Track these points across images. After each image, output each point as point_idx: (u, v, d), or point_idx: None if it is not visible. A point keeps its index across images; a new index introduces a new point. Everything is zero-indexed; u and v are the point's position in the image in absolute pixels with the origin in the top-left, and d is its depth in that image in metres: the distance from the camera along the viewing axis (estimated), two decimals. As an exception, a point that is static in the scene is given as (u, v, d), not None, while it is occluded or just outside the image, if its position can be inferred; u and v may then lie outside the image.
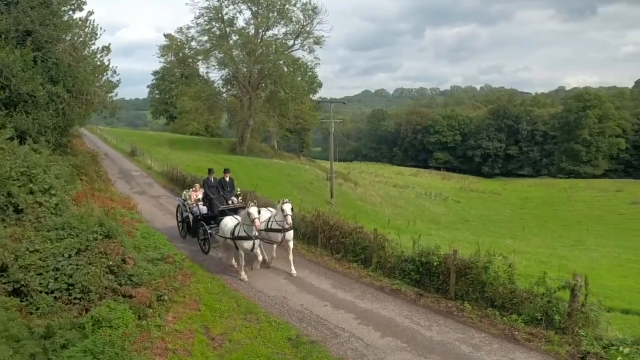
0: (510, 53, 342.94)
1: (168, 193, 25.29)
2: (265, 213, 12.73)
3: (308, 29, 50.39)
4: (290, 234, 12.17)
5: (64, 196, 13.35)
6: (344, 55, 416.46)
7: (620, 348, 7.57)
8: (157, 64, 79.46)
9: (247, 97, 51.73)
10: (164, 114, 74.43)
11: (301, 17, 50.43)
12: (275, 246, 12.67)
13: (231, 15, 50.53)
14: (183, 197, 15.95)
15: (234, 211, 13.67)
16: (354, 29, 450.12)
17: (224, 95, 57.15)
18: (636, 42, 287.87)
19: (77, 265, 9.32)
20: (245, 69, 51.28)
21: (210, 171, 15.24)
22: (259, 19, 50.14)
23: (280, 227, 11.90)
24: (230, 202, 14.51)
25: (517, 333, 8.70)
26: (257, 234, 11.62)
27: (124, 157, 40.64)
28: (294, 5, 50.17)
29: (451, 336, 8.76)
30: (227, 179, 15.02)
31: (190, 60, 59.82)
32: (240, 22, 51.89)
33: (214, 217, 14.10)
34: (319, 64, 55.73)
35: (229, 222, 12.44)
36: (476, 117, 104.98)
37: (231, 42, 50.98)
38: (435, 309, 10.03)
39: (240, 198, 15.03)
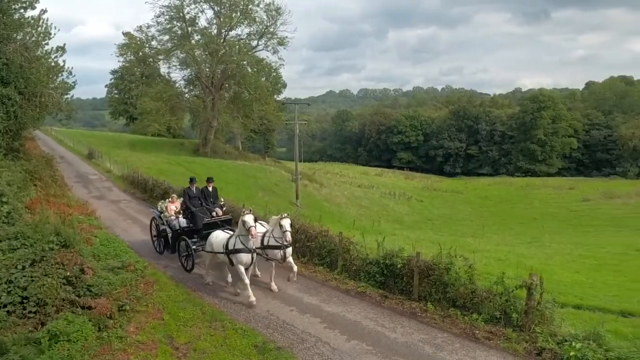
0: (470, 55, 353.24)
1: (128, 197, 24.62)
2: (259, 227, 11.58)
3: (272, 29, 50.24)
4: (289, 251, 11.04)
5: (17, 204, 12.78)
6: (308, 55, 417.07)
7: (573, 343, 7.94)
8: (115, 63, 76.95)
9: (211, 97, 50.99)
10: (123, 114, 72.25)
11: (265, 17, 50.23)
12: (274, 264, 11.46)
13: (193, 14, 49.74)
14: (159, 209, 14.52)
15: (220, 224, 12.57)
16: (317, 29, 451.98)
17: (187, 95, 56.08)
18: (587, 46, 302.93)
19: (31, 277, 8.93)
20: (208, 70, 50.55)
21: (192, 180, 13.78)
22: (221, 19, 49.52)
23: (279, 244, 10.77)
24: (214, 213, 13.22)
25: (477, 332, 8.99)
26: (254, 245, 10.58)
27: (81, 159, 39.20)
28: (257, 5, 49.92)
29: (415, 337, 8.95)
30: (210, 188, 13.76)
31: (151, 59, 58.50)
32: (202, 22, 51.18)
33: (197, 231, 12.98)
34: (283, 64, 55.72)
35: (219, 234, 11.40)
36: (438, 117, 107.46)
37: (193, 41, 50.10)
38: (400, 310, 10.21)
39: (224, 209, 13.92)
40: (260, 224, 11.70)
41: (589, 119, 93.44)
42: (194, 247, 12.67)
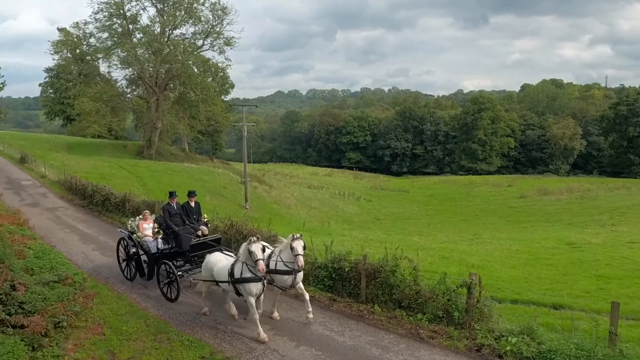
0: (415, 57, 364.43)
1: (66, 204, 23.36)
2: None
3: (218, 29, 49.34)
4: (300, 276, 9.75)
5: (-63, 216, 11.79)
6: (256, 55, 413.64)
7: (509, 338, 8.41)
8: (50, 61, 72.54)
9: (155, 98, 49.33)
10: (59, 115, 68.35)
11: (210, 17, 49.27)
12: (279, 292, 10.02)
13: (134, 11, 47.88)
14: (129, 228, 12.57)
15: (207, 245, 11.34)
16: (266, 29, 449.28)
17: (129, 96, 53.93)
18: (522, 51, 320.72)
19: (-46, 297, 8.30)
20: (151, 69, 48.86)
21: (172, 195, 11.94)
22: (165, 17, 48.03)
23: (290, 269, 9.39)
24: (199, 232, 11.75)
25: (422, 331, 9.30)
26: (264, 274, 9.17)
27: (13, 164, 36.72)
28: (202, 4, 48.85)
29: (363, 340, 9.12)
30: (193, 203, 12.16)
31: (89, 57, 55.69)
32: (144, 20, 49.38)
33: (181, 254, 11.48)
34: (230, 65, 54.72)
35: (220, 259, 9.89)
36: (385, 118, 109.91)
37: (135, 40, 48.28)
38: (348, 313, 10.37)
39: (209, 225, 12.63)
40: (267, 246, 10.22)
41: (525, 119, 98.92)
42: (179, 272, 10.99)
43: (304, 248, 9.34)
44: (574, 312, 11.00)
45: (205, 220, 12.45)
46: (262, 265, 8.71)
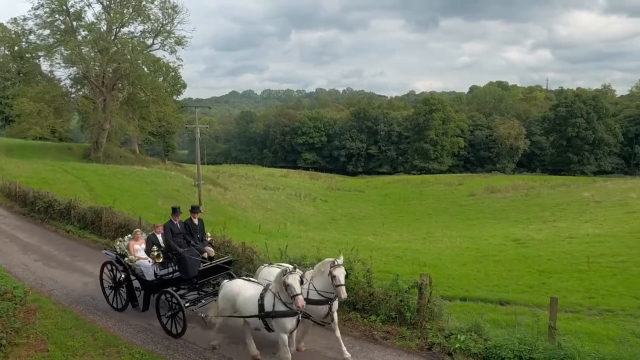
0: (369, 58, 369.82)
1: (4, 212, 22.04)
2: (273, 271, 8.69)
3: (168, 28, 48.11)
4: (336, 305, 8.42)
5: None
6: (209, 54, 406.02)
7: (458, 336, 8.72)
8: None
9: (102, 98, 47.41)
10: (-4, 115, 64.27)
11: (160, 15, 47.94)
12: (310, 324, 8.58)
13: (78, 8, 45.86)
14: (117, 249, 10.84)
15: (217, 269, 9.98)
16: (219, 28, 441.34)
17: (74, 96, 51.54)
18: (470, 53, 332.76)
19: None
20: (97, 68, 46.90)
21: (175, 212, 10.29)
22: (111, 15, 46.25)
23: (325, 299, 8.10)
24: (206, 254, 10.23)
25: (375, 333, 9.47)
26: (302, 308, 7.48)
27: (-56, 169, 34.17)
28: (152, 2, 47.45)
29: (319, 344, 9.16)
30: (196, 221, 10.64)
31: (29, 55, 52.76)
32: (89, 17, 47.37)
33: (186, 281, 9.90)
34: (182, 64, 53.45)
35: (246, 288, 8.25)
36: (340, 118, 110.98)
37: (79, 37, 46.22)
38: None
39: (213, 242, 11.20)
40: (279, 265, 9.02)
41: (473, 120, 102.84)
42: (186, 303, 9.36)
43: (346, 276, 8.03)
44: (518, 307, 11.60)
45: (210, 239, 11.00)
46: (301, 301, 7.34)
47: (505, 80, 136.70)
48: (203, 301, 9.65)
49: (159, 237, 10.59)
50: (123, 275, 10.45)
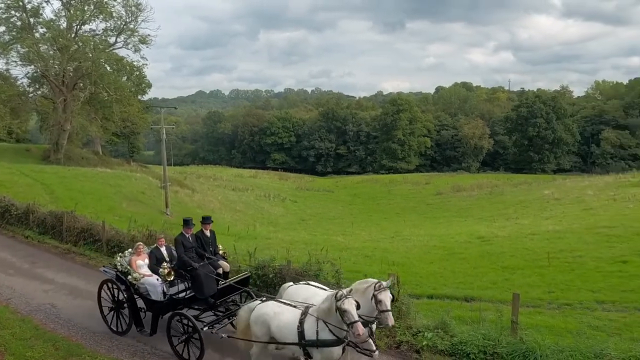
0: (337, 59, 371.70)
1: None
2: (318, 292, 7.85)
3: (132, 26, 46.81)
4: (373, 328, 7.64)
5: None
6: (176, 53, 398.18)
7: (425, 333, 8.91)
8: None
9: (62, 98, 45.70)
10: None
11: (123, 13, 46.60)
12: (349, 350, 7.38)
13: (35, 4, 44.04)
14: (118, 266, 9.64)
15: (234, 288, 9.20)
16: (186, 27, 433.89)
17: (32, 95, 49.52)
18: (436, 55, 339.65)
19: None
20: (57, 67, 45.20)
21: (187, 224, 9.45)
22: (71, 12, 44.70)
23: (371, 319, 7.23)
24: (221, 270, 9.36)
25: (345, 333, 9.53)
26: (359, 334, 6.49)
27: None
28: None
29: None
30: (208, 232, 9.73)
31: (-18, 53, 50.31)
32: (47, 13, 45.66)
33: (201, 301, 8.94)
34: (146, 64, 52.20)
35: (281, 312, 7.33)
36: (309, 119, 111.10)
37: (37, 35, 44.45)
38: (273, 320, 10.35)
39: (226, 256, 10.28)
40: (321, 287, 8.25)
41: (439, 120, 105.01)
42: (204, 327, 8.40)
43: (393, 300, 7.19)
44: (482, 303, 11.93)
45: (223, 252, 10.06)
46: (361, 329, 6.41)
47: (469, 81, 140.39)
48: (222, 323, 8.75)
49: (163, 250, 9.70)
50: (124, 295, 9.43)
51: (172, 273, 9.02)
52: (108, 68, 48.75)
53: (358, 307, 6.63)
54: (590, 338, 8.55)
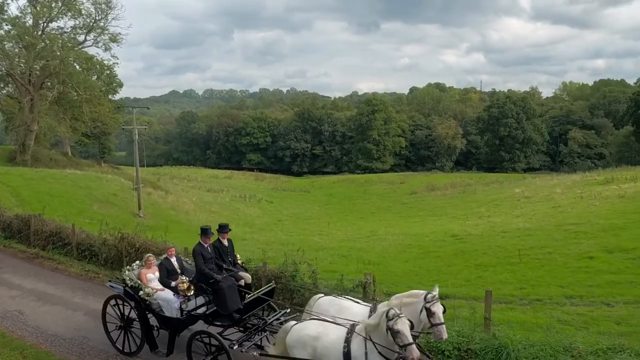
0: (313, 59, 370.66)
1: None
2: (354, 306, 7.48)
3: (102, 24, 45.69)
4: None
5: None
6: (148, 52, 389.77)
7: (401, 332, 8.98)
8: None
9: (29, 97, 44.25)
10: None
11: (93, 10, 45.45)
12: None
13: (0, 0, 42.51)
14: (127, 280, 8.81)
15: (261, 300, 8.60)
16: (158, 25, 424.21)
17: (-4, 95, 47.84)
18: (410, 56, 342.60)
19: None
20: (23, 65, 43.79)
21: (206, 233, 8.68)
22: (38, 8, 43.32)
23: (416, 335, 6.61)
24: (243, 281, 8.73)
25: (322, 333, 9.54)
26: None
27: None
28: (83, -4, 44.91)
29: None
30: (226, 242, 9.04)
31: (-57, 50, 48.29)
32: (12, 10, 44.16)
33: (224, 317, 8.25)
34: (117, 62, 50.98)
35: (325, 332, 6.65)
36: (284, 119, 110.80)
37: (2, 32, 42.95)
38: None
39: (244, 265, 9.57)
40: (354, 300, 7.73)
41: (413, 120, 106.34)
42: (235, 346, 7.74)
43: (444, 311, 6.71)
44: (456, 300, 12.13)
45: (241, 262, 9.41)
46: (416, 352, 5.88)
47: (442, 82, 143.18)
48: (252, 339, 8.09)
49: (173, 261, 9.11)
50: (134, 313, 8.68)
51: (192, 287, 8.43)
52: (77, 67, 47.50)
53: (412, 326, 6.10)
54: (559, 332, 8.82)
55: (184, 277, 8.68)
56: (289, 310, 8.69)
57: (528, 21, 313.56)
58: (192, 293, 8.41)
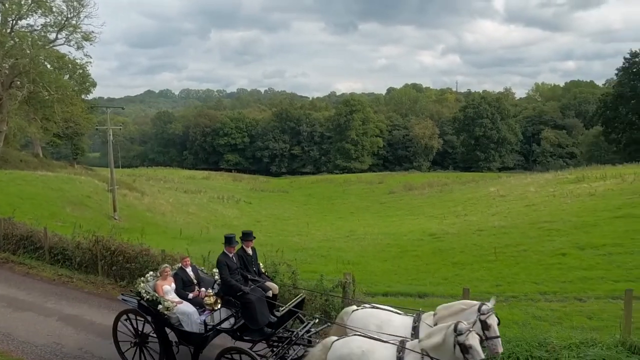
0: (291, 59, 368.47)
1: None
2: (396, 317, 6.89)
3: (74, 22, 44.40)
4: None
5: None
6: (123, 51, 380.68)
7: (381, 331, 9.03)
8: None
9: (-3, 97, 42.86)
10: None
11: (64, 8, 44.19)
12: None
13: (-34, -4, 41.03)
14: (143, 293, 8.14)
15: (292, 313, 8.15)
16: (133, 24, 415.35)
17: (-38, 94, 46.05)
18: (387, 57, 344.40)
19: None
20: (-9, 64, 42.33)
21: (230, 241, 8.12)
22: (6, 5, 41.94)
23: None
24: (270, 292, 8.23)
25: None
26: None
27: None
28: (54, -7, 43.66)
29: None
30: (250, 250, 8.51)
31: None
32: (-21, 6, 42.57)
33: (253, 332, 7.73)
34: (90, 61, 49.74)
35: (374, 349, 5.94)
36: (262, 119, 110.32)
37: (-32, 29, 41.40)
38: (229, 324, 10.18)
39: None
40: (391, 310, 7.11)
41: (391, 120, 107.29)
42: None
43: (499, 323, 6.18)
44: (435, 299, 12.31)
45: (265, 271, 8.94)
46: None
47: (419, 82, 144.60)
48: (287, 356, 7.56)
49: (189, 271, 8.59)
50: (153, 327, 8.03)
51: (219, 301, 7.86)
52: (48, 66, 46.15)
53: (481, 340, 5.59)
54: (534, 328, 9.00)
55: (210, 290, 8.10)
56: (317, 320, 8.30)
57: (502, 23, 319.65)
58: (219, 307, 7.86)
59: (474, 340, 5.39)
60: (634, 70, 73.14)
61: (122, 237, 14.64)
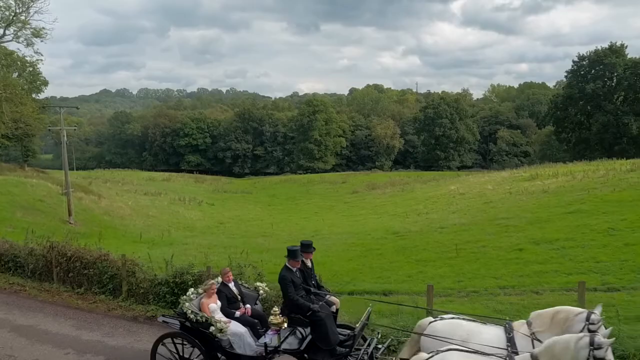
0: (252, 59, 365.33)
1: None
2: (474, 329, 6.16)
3: (23, 17, 42.37)
4: None
5: None
6: (77, 49, 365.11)
7: (348, 330, 9.08)
8: None
9: (-62, 96, 40.30)
10: None
11: (12, 2, 42.05)
12: None
13: None
14: (189, 313, 7.31)
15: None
16: (87, 20, 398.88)
17: None
18: (349, 57, 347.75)
19: None
20: None
21: (295, 255, 7.47)
22: (-52, -2, 39.55)
23: None
24: (334, 308, 7.69)
25: (269, 336, 9.44)
26: None
27: None
28: (2, -13, 41.48)
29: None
30: (309, 262, 7.95)
31: None
32: None
33: (323, 352, 7.04)
34: (41, 59, 47.57)
35: None
36: (224, 119, 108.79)
37: None
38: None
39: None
40: (472, 320, 6.48)
41: (354, 121, 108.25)
42: None
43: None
44: (400, 296, 12.50)
45: (322, 285, 8.32)
46: None
47: (380, 83, 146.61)
48: None
49: (232, 287, 7.93)
50: (202, 351, 7.29)
51: (285, 321, 7.23)
52: (-5, 63, 43.87)
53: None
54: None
55: (276, 309, 7.42)
56: (380, 336, 7.84)
57: (459, 26, 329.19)
58: (285, 327, 7.24)
59: (611, 354, 4.65)
60: (582, 72, 77.06)
61: (79, 242, 14.08)
